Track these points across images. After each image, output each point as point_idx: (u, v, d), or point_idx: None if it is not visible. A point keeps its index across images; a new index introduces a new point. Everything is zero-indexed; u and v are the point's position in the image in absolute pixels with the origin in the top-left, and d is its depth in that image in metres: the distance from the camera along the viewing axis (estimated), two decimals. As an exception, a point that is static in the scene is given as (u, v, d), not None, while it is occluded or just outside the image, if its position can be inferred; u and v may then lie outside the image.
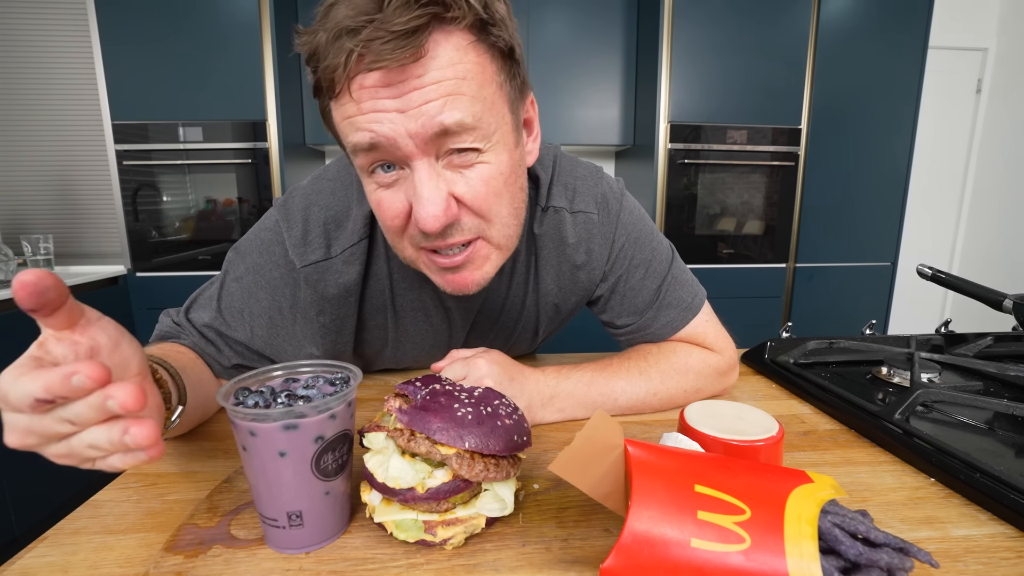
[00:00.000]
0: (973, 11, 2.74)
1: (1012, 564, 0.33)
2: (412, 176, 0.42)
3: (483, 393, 0.38)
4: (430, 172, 0.42)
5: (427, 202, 0.41)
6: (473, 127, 0.41)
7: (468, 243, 0.46)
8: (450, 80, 0.39)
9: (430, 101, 0.38)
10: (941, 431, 0.51)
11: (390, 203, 0.44)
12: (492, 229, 0.47)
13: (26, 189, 2.16)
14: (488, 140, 0.43)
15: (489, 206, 0.45)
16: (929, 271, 0.89)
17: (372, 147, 0.40)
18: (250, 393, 0.35)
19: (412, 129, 0.39)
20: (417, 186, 0.42)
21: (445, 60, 0.38)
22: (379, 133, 0.39)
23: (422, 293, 0.61)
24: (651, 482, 0.29)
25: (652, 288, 0.64)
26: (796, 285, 2.32)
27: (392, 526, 0.35)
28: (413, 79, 0.38)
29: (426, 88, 0.38)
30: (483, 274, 0.49)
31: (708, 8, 2.06)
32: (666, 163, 2.14)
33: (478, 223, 0.46)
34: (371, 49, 0.36)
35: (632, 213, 0.64)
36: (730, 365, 0.64)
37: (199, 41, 1.94)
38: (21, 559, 0.34)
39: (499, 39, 0.41)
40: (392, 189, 0.44)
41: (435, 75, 0.38)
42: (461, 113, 0.39)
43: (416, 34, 0.36)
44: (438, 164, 0.42)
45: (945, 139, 2.86)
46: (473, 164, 0.43)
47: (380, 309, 0.61)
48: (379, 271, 0.58)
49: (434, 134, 0.40)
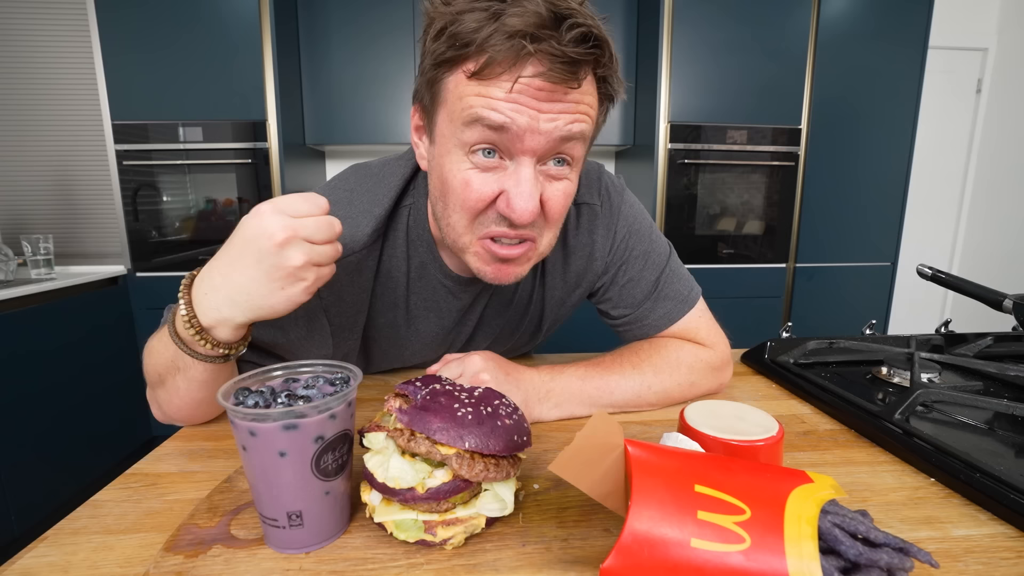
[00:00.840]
0: (973, 11, 2.74)
1: (1012, 564, 0.33)
2: (516, 169, 0.46)
3: (483, 393, 0.38)
4: (533, 172, 0.46)
5: (528, 197, 0.46)
6: (583, 143, 0.47)
7: (524, 241, 0.51)
8: (583, 105, 0.45)
9: (567, 113, 0.44)
10: (941, 431, 0.51)
11: (480, 185, 0.47)
12: (546, 237, 0.52)
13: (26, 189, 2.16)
14: (580, 162, 0.50)
15: (557, 216, 0.50)
16: (929, 271, 0.89)
17: (499, 128, 0.44)
18: (250, 393, 0.35)
19: (544, 128, 0.44)
20: (522, 180, 0.46)
21: (586, 91, 0.45)
22: (515, 121, 0.43)
23: (435, 292, 0.62)
24: (651, 482, 0.29)
25: (650, 279, 0.65)
26: (796, 285, 2.32)
27: (392, 526, 0.35)
28: (563, 95, 0.44)
29: (568, 103, 0.44)
30: (523, 271, 0.53)
31: (708, 9, 2.06)
32: (666, 163, 2.14)
33: (542, 227, 0.51)
34: (543, 62, 0.42)
35: (632, 207, 0.67)
36: (723, 361, 0.64)
37: (199, 41, 1.94)
38: (21, 559, 0.34)
39: (612, 88, 0.48)
40: (487, 173, 0.47)
41: (576, 97, 0.44)
42: (585, 127, 0.46)
43: (579, 65, 0.43)
44: (538, 167, 0.47)
45: (945, 139, 2.86)
46: (562, 178, 0.49)
47: (392, 307, 0.62)
48: (396, 270, 0.60)
49: (559, 138, 0.45)
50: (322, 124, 2.29)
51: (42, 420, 1.69)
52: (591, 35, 0.42)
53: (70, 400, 1.80)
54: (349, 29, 2.22)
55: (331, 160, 2.65)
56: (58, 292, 1.79)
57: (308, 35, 2.22)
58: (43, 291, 1.71)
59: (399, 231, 0.59)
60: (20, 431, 1.60)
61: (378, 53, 2.24)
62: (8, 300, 1.58)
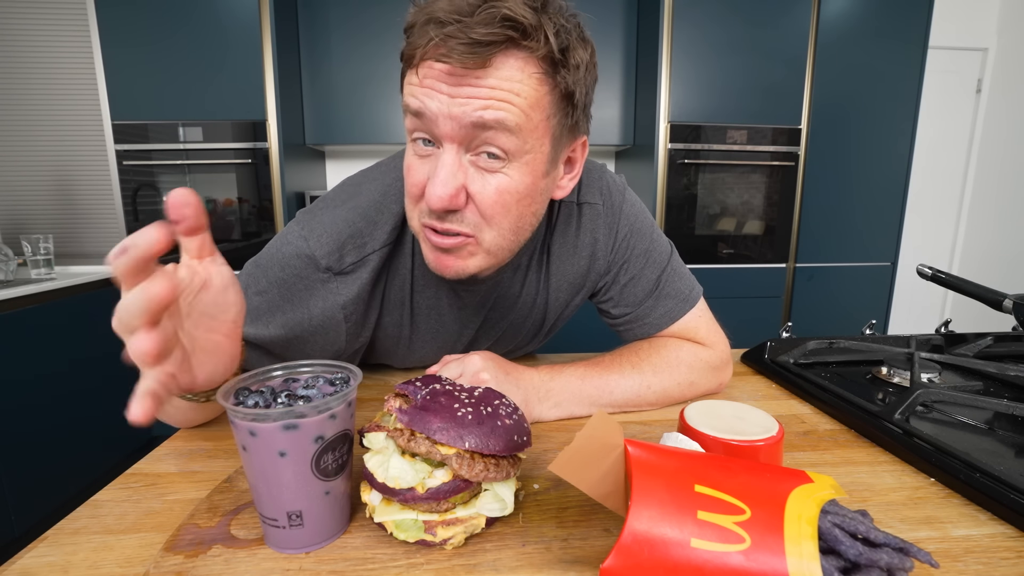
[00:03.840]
0: (973, 11, 2.74)
1: (1012, 564, 0.33)
2: (439, 155, 0.46)
3: (483, 393, 0.38)
4: (453, 158, 0.45)
5: (439, 183, 0.45)
6: (509, 132, 0.44)
7: (460, 235, 0.49)
8: (504, 91, 0.43)
9: (478, 98, 0.43)
10: (941, 431, 0.51)
11: (416, 171, 0.48)
12: (487, 234, 0.49)
13: (26, 189, 2.16)
14: (518, 157, 0.46)
15: (493, 213, 0.48)
16: (929, 271, 0.89)
17: (417, 114, 0.45)
18: (250, 393, 0.35)
19: (454, 112, 0.43)
20: (437, 166, 0.46)
21: (506, 74, 0.43)
22: (427, 106, 0.44)
23: (439, 291, 0.62)
24: (651, 482, 0.29)
25: (652, 278, 0.65)
26: (796, 285, 2.32)
27: (392, 526, 0.35)
28: (472, 78, 0.42)
29: (480, 88, 0.43)
30: (464, 266, 0.51)
31: (708, 8, 2.06)
32: (666, 163, 2.14)
33: (478, 223, 0.49)
34: (447, 44, 0.41)
35: (634, 206, 0.67)
36: (723, 360, 0.64)
37: (199, 41, 1.94)
38: (21, 559, 0.34)
39: (563, 81, 0.45)
40: (423, 160, 0.48)
41: (492, 82, 0.43)
42: (503, 115, 0.43)
43: (488, 47, 0.41)
44: (465, 156, 0.46)
45: (945, 139, 2.86)
46: (496, 171, 0.47)
47: (398, 306, 0.62)
48: (402, 268, 0.60)
49: (471, 123, 0.43)
50: (322, 124, 2.29)
51: (42, 420, 1.68)
52: (500, 15, 0.40)
53: (70, 400, 1.80)
54: (349, 29, 2.22)
55: (331, 160, 2.65)
56: (58, 292, 1.79)
57: (308, 35, 2.22)
58: (43, 291, 1.71)
59: (406, 230, 0.59)
60: (20, 431, 1.60)
61: (378, 53, 2.24)
62: (8, 300, 1.58)
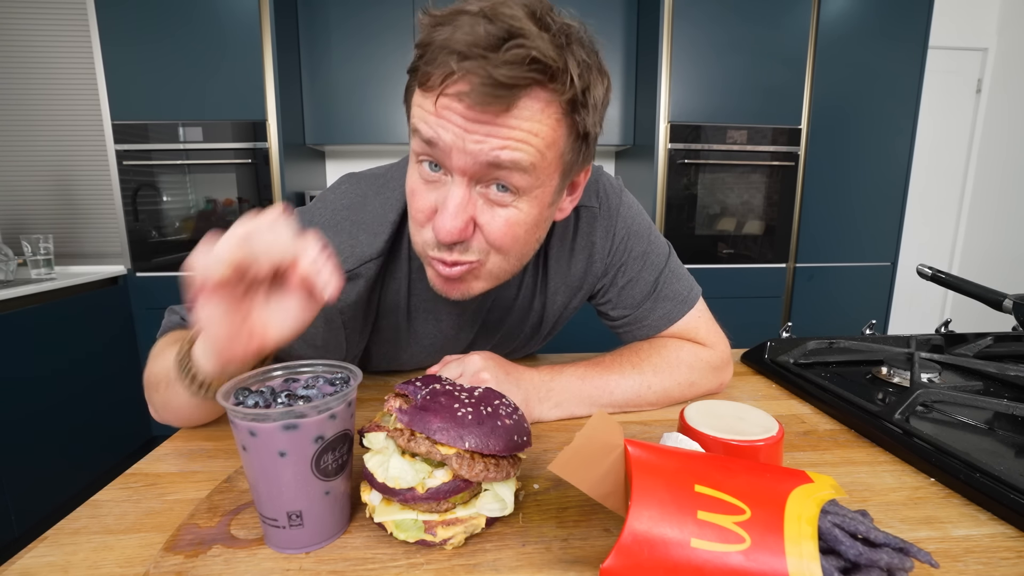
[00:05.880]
0: (973, 11, 2.74)
1: (1012, 564, 0.33)
2: (449, 186, 0.45)
3: (483, 393, 0.38)
4: (464, 192, 0.44)
5: (449, 216, 0.44)
6: (523, 172, 0.43)
7: (467, 263, 0.49)
8: (523, 132, 0.42)
9: (496, 137, 0.41)
10: (941, 431, 0.51)
11: (423, 198, 0.47)
12: (493, 259, 0.49)
13: (26, 189, 2.16)
14: (528, 192, 0.46)
15: (502, 244, 0.48)
16: (929, 271, 0.89)
17: (429, 143, 0.43)
18: (250, 393, 0.35)
19: (470, 149, 0.42)
20: (448, 198, 0.44)
21: (527, 115, 0.41)
22: (440, 137, 0.42)
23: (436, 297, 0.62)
24: (651, 482, 0.29)
25: (650, 280, 0.65)
26: (796, 285, 2.32)
27: (392, 526, 0.35)
28: (494, 117, 0.41)
29: (499, 128, 0.41)
30: (467, 289, 0.52)
31: (708, 8, 2.06)
32: (666, 163, 2.14)
33: (486, 251, 0.48)
34: (469, 82, 0.39)
35: (631, 208, 0.67)
36: (723, 360, 0.64)
37: (199, 41, 1.94)
38: (21, 559, 0.34)
39: (581, 122, 0.44)
40: (430, 186, 0.46)
41: (512, 123, 0.41)
42: (520, 156, 0.42)
43: (512, 89, 0.39)
44: (474, 188, 0.45)
45: (945, 139, 2.86)
46: (506, 205, 0.46)
47: (394, 309, 0.62)
48: (399, 273, 0.60)
49: (486, 163, 0.42)
50: (322, 124, 2.29)
51: (42, 420, 1.69)
52: (529, 58, 0.38)
53: (70, 400, 1.80)
54: (349, 29, 2.22)
55: (331, 160, 2.65)
56: (58, 292, 1.79)
57: (308, 35, 2.22)
58: (43, 291, 1.71)
59: (403, 234, 0.59)
60: (20, 431, 1.60)
61: (378, 53, 2.24)
62: (8, 300, 1.58)
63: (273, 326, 0.39)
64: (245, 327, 0.38)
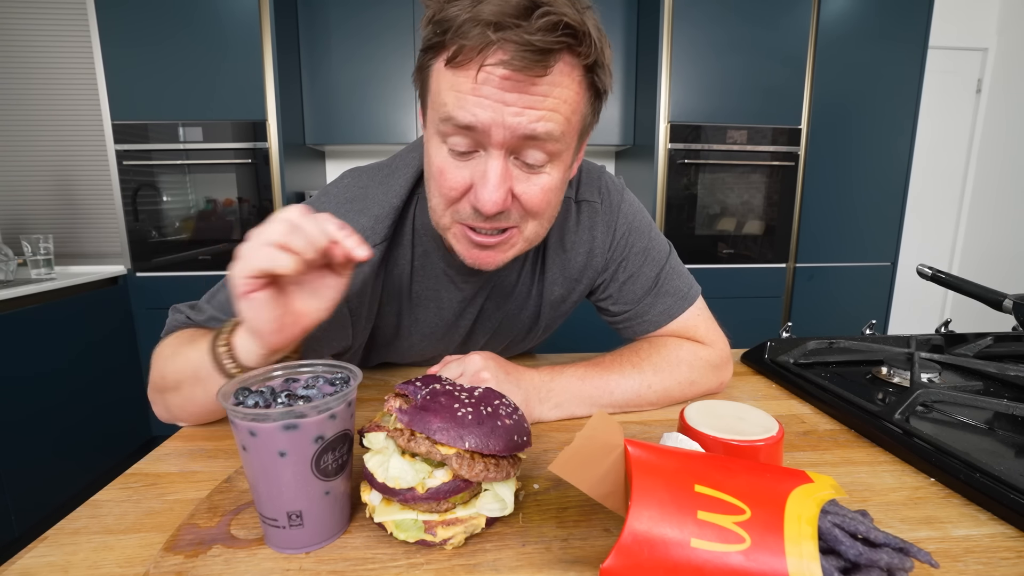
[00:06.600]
0: (973, 11, 2.74)
1: (1012, 564, 0.33)
2: (486, 160, 0.46)
3: (483, 393, 0.38)
4: (503, 164, 0.46)
5: (492, 189, 0.46)
6: (555, 141, 0.46)
7: (505, 230, 0.51)
8: (555, 99, 0.44)
9: (534, 109, 0.43)
10: (941, 431, 0.51)
11: (454, 174, 0.48)
12: (529, 226, 0.52)
13: (26, 189, 2.16)
14: (558, 157, 0.48)
15: (537, 209, 0.50)
16: (929, 271, 0.89)
17: (467, 128, 0.44)
18: (250, 393, 0.35)
19: (509, 123, 0.43)
20: (488, 172, 0.46)
21: (557, 80, 0.44)
22: (479, 119, 0.43)
23: (437, 281, 0.63)
24: (651, 482, 0.29)
25: (650, 276, 0.66)
26: (796, 285, 2.32)
27: (392, 526, 0.35)
28: (531, 86, 0.43)
29: (536, 98, 0.43)
30: (505, 257, 0.53)
31: (708, 8, 2.06)
32: (666, 163, 2.14)
33: (523, 218, 0.51)
34: (507, 51, 0.41)
35: (632, 205, 0.68)
36: (723, 359, 0.64)
37: (199, 41, 1.94)
38: (21, 559, 0.34)
39: (601, 81, 0.47)
40: (461, 162, 0.47)
41: (546, 90, 0.43)
42: (552, 126, 0.44)
43: (549, 54, 0.41)
44: (509, 159, 0.47)
45: (945, 139, 2.86)
46: (539, 172, 0.48)
47: (397, 295, 0.62)
48: (402, 259, 0.61)
49: (523, 135, 0.44)
50: (322, 124, 2.29)
51: (42, 420, 1.68)
52: (562, 23, 0.41)
53: (70, 400, 1.80)
54: (349, 29, 2.22)
55: (331, 160, 2.65)
56: (58, 292, 1.79)
57: (308, 35, 2.22)
58: (43, 291, 1.71)
59: (406, 219, 0.60)
60: (20, 431, 1.60)
61: (378, 53, 2.24)
62: (8, 300, 1.58)
63: (310, 309, 0.43)
64: (289, 314, 0.41)
